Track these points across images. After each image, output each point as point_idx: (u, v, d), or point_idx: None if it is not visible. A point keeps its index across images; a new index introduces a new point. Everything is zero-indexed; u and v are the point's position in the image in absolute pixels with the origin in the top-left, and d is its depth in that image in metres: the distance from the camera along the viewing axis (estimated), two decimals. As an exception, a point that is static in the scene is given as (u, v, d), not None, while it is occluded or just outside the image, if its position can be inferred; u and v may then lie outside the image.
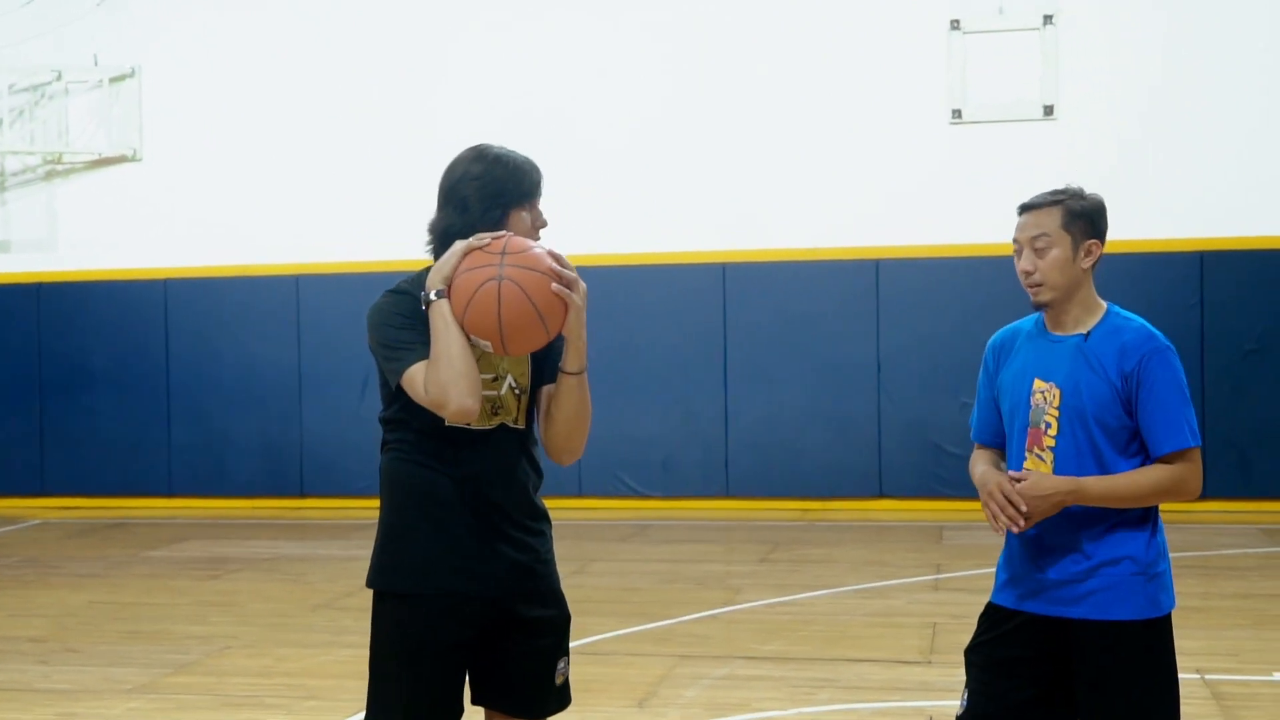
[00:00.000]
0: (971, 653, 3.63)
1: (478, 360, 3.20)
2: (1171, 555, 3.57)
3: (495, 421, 3.30)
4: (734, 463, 12.65)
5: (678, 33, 12.86)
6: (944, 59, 12.42)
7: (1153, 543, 3.47)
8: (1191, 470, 3.43)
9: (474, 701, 3.45)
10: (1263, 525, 11.13)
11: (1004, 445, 3.65)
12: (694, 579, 9.21)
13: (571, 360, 3.26)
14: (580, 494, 12.64)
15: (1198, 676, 6.26)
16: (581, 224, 12.77)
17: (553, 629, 3.42)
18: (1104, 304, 3.56)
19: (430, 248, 3.36)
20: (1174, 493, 3.43)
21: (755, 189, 12.68)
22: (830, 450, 12.45)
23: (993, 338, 3.75)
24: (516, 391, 3.33)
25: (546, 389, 3.36)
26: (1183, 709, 3.52)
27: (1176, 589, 3.56)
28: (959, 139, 12.42)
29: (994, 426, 3.69)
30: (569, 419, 3.30)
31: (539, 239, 3.35)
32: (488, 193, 3.31)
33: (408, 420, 3.31)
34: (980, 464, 3.65)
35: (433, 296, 3.17)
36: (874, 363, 12.40)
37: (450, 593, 3.28)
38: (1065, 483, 3.41)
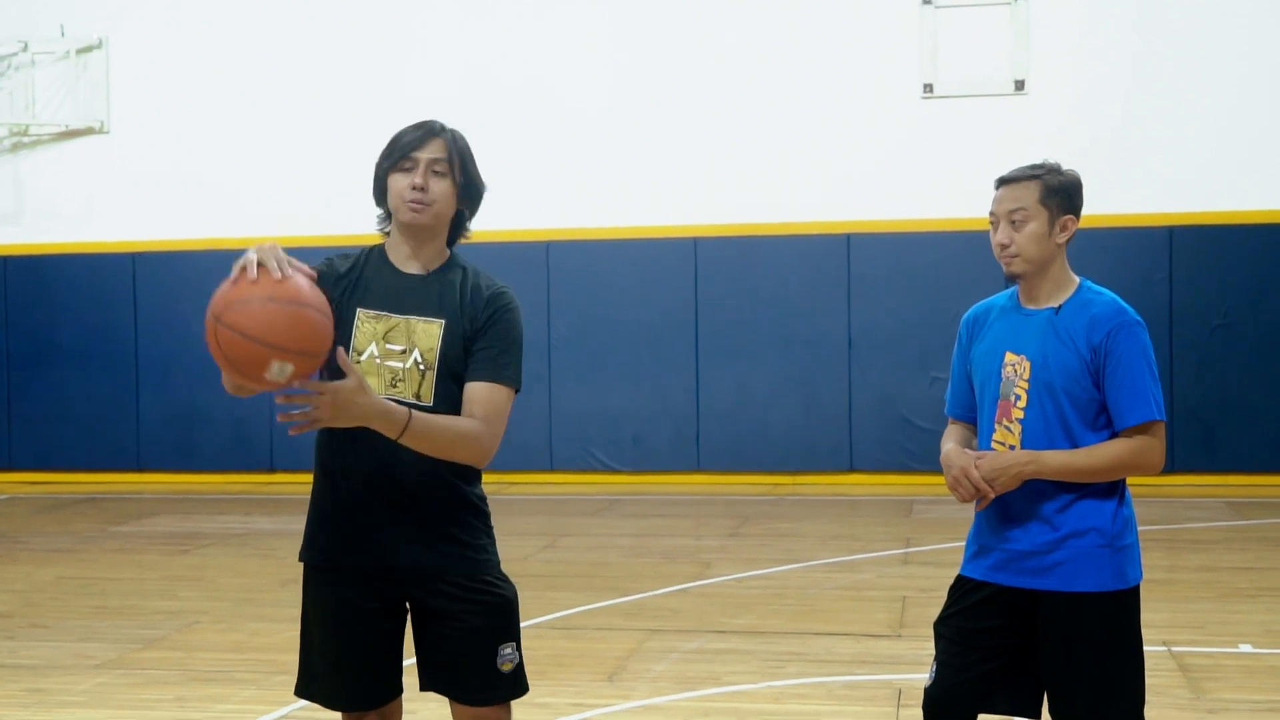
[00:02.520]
0: (941, 625, 3.64)
1: (389, 330, 3.27)
2: (1139, 528, 3.59)
3: (393, 394, 3.24)
4: (704, 437, 12.66)
5: (649, 8, 12.82)
6: (915, 33, 12.42)
7: (1119, 514, 3.49)
8: (1154, 444, 3.44)
9: (420, 687, 3.44)
10: (1228, 499, 11.21)
11: (976, 420, 3.67)
12: (664, 553, 9.22)
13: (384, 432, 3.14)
14: (551, 469, 12.63)
15: (1164, 648, 6.31)
16: (553, 197, 12.76)
17: (482, 612, 3.33)
18: (1077, 279, 3.58)
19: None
20: (1135, 467, 3.44)
21: (727, 163, 12.66)
22: (801, 425, 12.49)
23: (967, 313, 3.76)
24: (421, 367, 3.27)
25: (465, 390, 3.29)
26: (1149, 680, 3.55)
27: (1143, 562, 3.58)
28: (930, 114, 12.43)
29: (966, 401, 3.71)
30: (430, 453, 3.21)
31: (415, 197, 3.27)
32: (376, 172, 3.38)
33: None
34: (949, 440, 3.67)
35: None
36: (845, 337, 12.43)
37: (341, 565, 3.33)
38: (1023, 455, 3.44)
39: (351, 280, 3.34)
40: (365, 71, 13.14)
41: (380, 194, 3.36)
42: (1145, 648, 3.54)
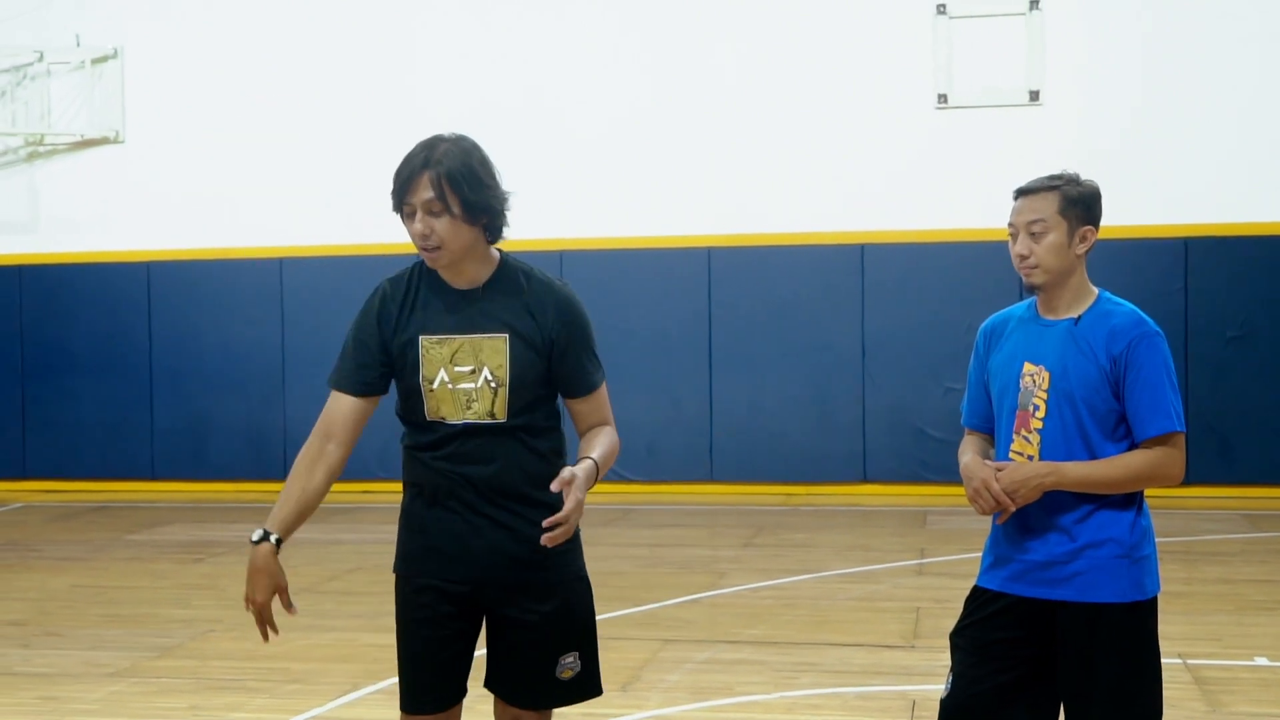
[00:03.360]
0: (956, 636, 3.63)
1: (455, 352, 3.26)
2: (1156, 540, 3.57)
3: (469, 416, 3.27)
4: (718, 447, 12.64)
5: (663, 16, 12.83)
6: (930, 44, 12.41)
7: (1137, 525, 3.47)
8: (1174, 455, 3.43)
9: (485, 684, 3.48)
10: (1245, 511, 11.17)
11: (993, 430, 3.65)
12: (678, 563, 9.21)
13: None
14: (564, 478, 12.61)
15: (1180, 661, 6.28)
16: (567, 207, 12.76)
17: (545, 622, 3.37)
18: (1096, 290, 3.56)
19: None
20: (1155, 478, 3.43)
21: (741, 173, 12.66)
22: (814, 435, 12.46)
23: (985, 323, 3.75)
24: (493, 385, 3.27)
25: (572, 405, 3.41)
26: (1165, 692, 3.53)
27: (1160, 574, 3.55)
28: (945, 124, 12.41)
29: (984, 412, 3.69)
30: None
31: (423, 245, 3.22)
32: None
33: (404, 415, 3.40)
34: (968, 451, 3.65)
35: (254, 539, 3.40)
36: (858, 347, 12.41)
37: (429, 583, 3.37)
38: (1043, 467, 3.42)
39: (408, 306, 3.32)
40: (378, 83, 13.16)
41: None
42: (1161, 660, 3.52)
